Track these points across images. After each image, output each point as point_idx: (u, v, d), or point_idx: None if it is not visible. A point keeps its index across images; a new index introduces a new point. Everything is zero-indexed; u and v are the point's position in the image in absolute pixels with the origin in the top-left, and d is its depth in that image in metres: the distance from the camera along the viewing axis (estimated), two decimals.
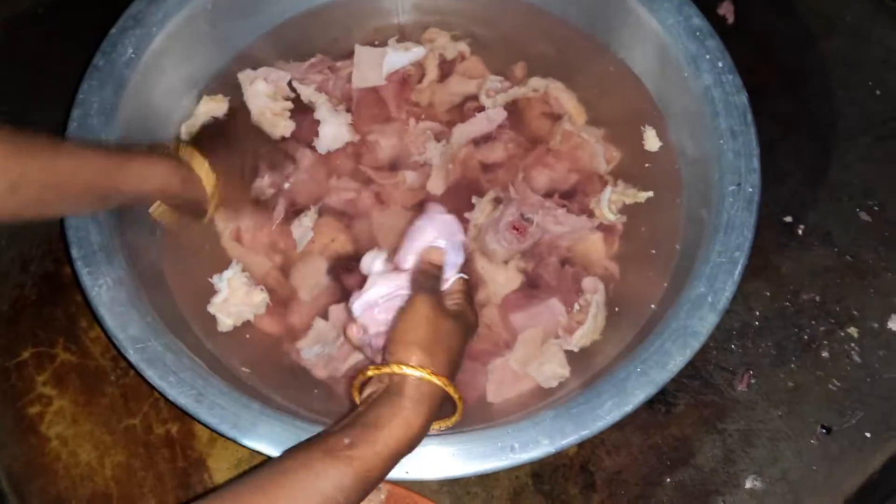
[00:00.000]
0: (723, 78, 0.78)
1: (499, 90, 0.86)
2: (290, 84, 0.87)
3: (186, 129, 0.85)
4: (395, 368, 0.57)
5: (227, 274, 0.76)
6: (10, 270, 0.85)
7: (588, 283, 0.77)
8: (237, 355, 0.75)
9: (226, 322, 0.76)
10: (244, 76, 0.86)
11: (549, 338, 0.76)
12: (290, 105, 0.86)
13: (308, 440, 0.57)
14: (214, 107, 0.85)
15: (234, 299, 0.76)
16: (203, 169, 0.67)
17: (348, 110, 0.86)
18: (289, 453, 0.55)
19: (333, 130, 0.84)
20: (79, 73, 0.79)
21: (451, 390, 0.59)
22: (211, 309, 0.76)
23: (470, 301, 0.66)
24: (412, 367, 0.57)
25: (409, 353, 0.58)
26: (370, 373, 0.59)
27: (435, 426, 0.62)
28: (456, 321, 0.62)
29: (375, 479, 0.55)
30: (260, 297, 0.77)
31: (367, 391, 0.59)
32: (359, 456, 0.54)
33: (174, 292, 0.76)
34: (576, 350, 0.76)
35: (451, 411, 0.61)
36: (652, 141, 0.83)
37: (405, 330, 0.60)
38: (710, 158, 0.76)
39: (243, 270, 0.77)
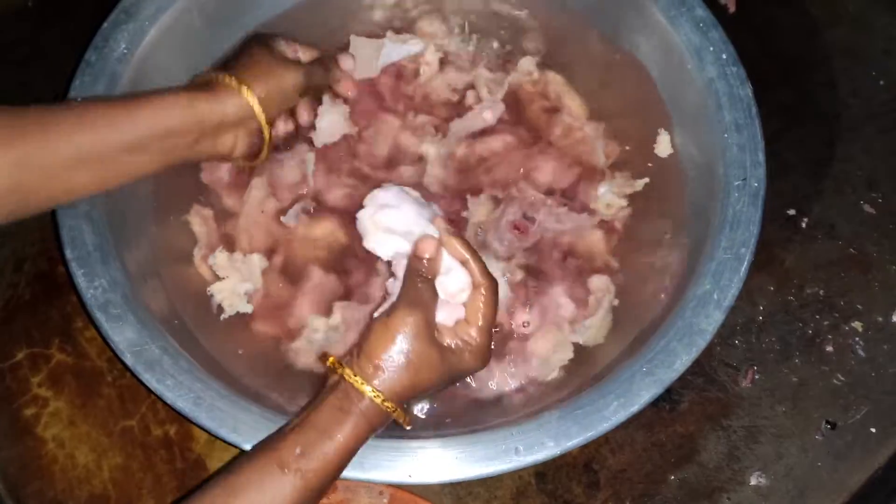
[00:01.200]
0: (727, 70, 0.77)
1: (493, 80, 0.85)
2: None
3: None
4: (357, 383, 0.57)
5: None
6: (3, 269, 0.83)
7: (598, 282, 0.77)
8: (235, 357, 0.74)
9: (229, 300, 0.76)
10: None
11: (554, 329, 0.75)
12: None
13: (261, 445, 0.57)
14: None
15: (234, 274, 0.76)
16: (251, 97, 0.67)
17: (346, 102, 0.84)
18: (241, 465, 0.55)
19: (331, 122, 0.82)
20: (70, 69, 0.77)
21: (401, 420, 0.59)
22: (212, 289, 0.76)
23: (484, 335, 0.61)
24: (371, 388, 0.57)
25: (374, 372, 0.57)
26: (334, 367, 0.58)
27: None
28: (443, 359, 0.59)
29: (325, 485, 0.57)
30: (259, 262, 0.76)
31: (333, 378, 0.59)
32: (310, 468, 0.55)
33: (170, 294, 0.75)
34: (581, 341, 0.75)
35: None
36: (664, 146, 0.81)
37: (376, 345, 0.58)
38: (715, 152, 0.75)
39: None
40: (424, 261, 0.61)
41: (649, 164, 0.81)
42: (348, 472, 0.63)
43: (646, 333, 0.70)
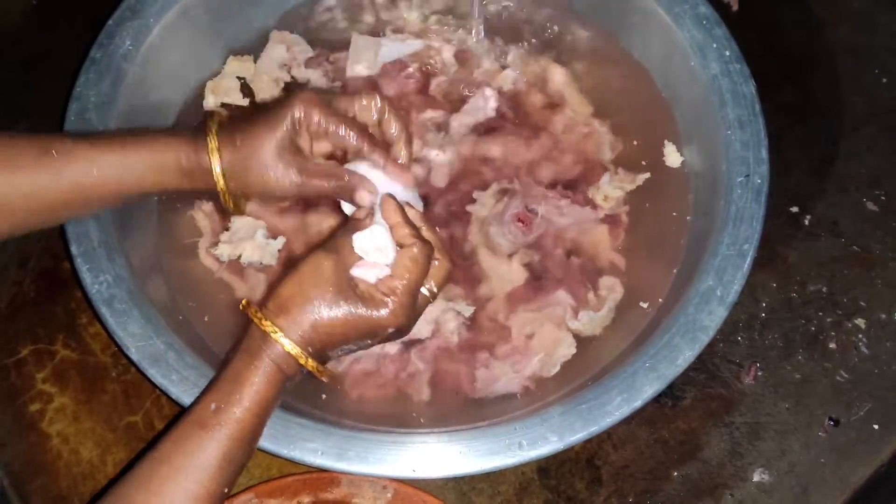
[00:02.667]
0: (730, 67, 0.77)
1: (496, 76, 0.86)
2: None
3: (212, 88, 0.84)
4: (260, 322, 0.57)
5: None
6: (8, 267, 0.84)
7: (606, 282, 0.77)
8: None
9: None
10: (277, 34, 0.86)
11: (556, 327, 0.75)
12: (287, 78, 0.86)
13: (182, 413, 0.58)
14: (240, 67, 0.85)
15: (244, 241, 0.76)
16: (214, 159, 0.63)
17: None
18: (165, 436, 0.56)
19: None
20: (76, 66, 0.77)
21: (307, 363, 0.58)
22: (223, 237, 0.77)
23: (407, 292, 0.59)
24: (274, 327, 0.57)
25: (279, 312, 0.57)
26: (245, 310, 0.59)
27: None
28: (356, 307, 0.57)
29: (251, 435, 0.57)
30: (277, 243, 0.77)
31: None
32: (228, 420, 0.56)
33: (174, 290, 0.76)
34: (581, 330, 0.75)
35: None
36: (673, 157, 0.81)
37: (285, 285, 0.58)
38: (718, 149, 0.75)
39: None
40: (360, 218, 0.62)
41: (652, 161, 0.81)
42: (353, 467, 0.64)
43: (649, 329, 0.71)
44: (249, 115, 0.66)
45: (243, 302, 0.60)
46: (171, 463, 0.55)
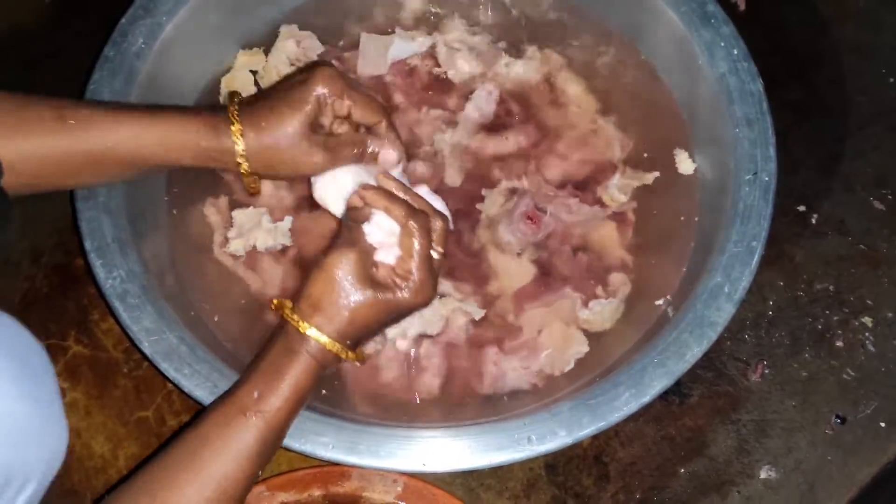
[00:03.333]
0: (738, 65, 0.77)
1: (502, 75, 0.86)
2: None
3: (226, 83, 0.85)
4: (296, 323, 0.59)
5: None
6: (21, 262, 0.84)
7: (615, 279, 0.77)
8: (250, 348, 0.74)
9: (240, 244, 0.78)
10: (286, 29, 0.86)
11: (566, 324, 0.75)
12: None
13: (222, 396, 0.60)
14: (250, 60, 0.86)
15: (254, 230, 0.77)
16: (238, 142, 0.63)
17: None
18: (206, 416, 0.58)
19: None
20: (89, 64, 0.78)
21: (347, 356, 0.60)
22: (230, 234, 0.77)
23: (421, 269, 0.60)
24: (310, 326, 0.59)
25: (312, 311, 0.59)
26: (278, 310, 0.61)
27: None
28: (382, 294, 0.60)
29: (286, 424, 0.60)
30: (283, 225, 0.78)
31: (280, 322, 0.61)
32: (268, 408, 0.58)
33: (186, 285, 0.76)
34: (591, 323, 0.75)
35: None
36: (686, 164, 0.81)
37: (312, 285, 0.60)
38: (726, 147, 0.75)
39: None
40: (358, 208, 0.63)
41: (661, 159, 0.82)
42: (363, 461, 0.64)
43: (657, 326, 0.71)
44: (270, 93, 0.66)
45: (275, 302, 0.61)
46: (214, 444, 0.57)
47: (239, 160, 0.64)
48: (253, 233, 0.77)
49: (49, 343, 0.81)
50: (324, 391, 0.72)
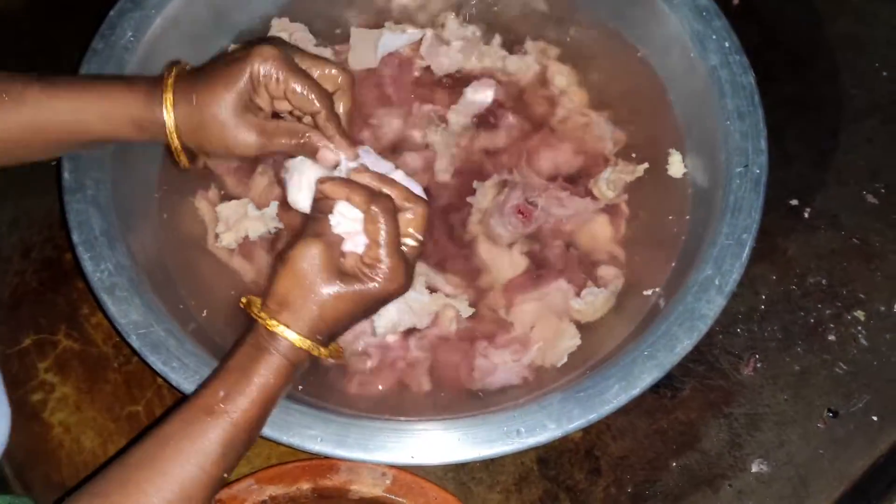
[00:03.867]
0: (730, 58, 0.77)
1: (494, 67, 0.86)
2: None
3: None
4: (264, 321, 0.57)
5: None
6: (11, 257, 0.84)
7: (606, 271, 0.77)
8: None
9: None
10: (278, 21, 0.86)
11: (558, 317, 0.75)
12: None
13: (188, 397, 0.59)
14: None
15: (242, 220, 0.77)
16: (167, 113, 0.61)
17: None
18: (170, 417, 0.57)
19: None
20: (77, 57, 0.78)
21: (320, 353, 0.58)
22: (218, 229, 0.77)
23: (391, 255, 0.58)
24: (278, 323, 0.57)
25: (279, 308, 0.58)
26: (247, 308, 0.59)
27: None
28: (351, 286, 0.57)
29: (255, 424, 0.58)
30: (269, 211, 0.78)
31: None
32: (234, 408, 0.56)
33: (175, 278, 0.76)
34: (583, 313, 0.75)
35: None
36: (676, 167, 0.81)
37: (277, 281, 0.58)
38: (717, 140, 0.75)
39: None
40: (320, 200, 0.61)
41: (652, 152, 0.82)
42: (352, 454, 0.64)
43: (648, 319, 0.71)
44: (209, 67, 0.64)
45: (243, 300, 0.60)
46: (176, 445, 0.55)
47: (168, 134, 0.62)
48: (242, 223, 0.77)
49: (39, 338, 0.80)
50: (311, 384, 0.72)
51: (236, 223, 0.77)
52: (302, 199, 0.63)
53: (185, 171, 0.68)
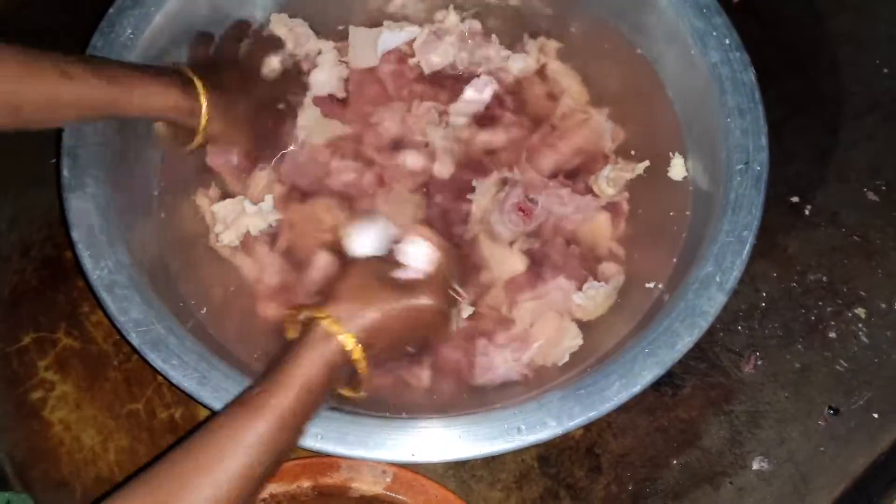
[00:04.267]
0: (730, 55, 0.77)
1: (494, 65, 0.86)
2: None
3: None
4: (331, 327, 0.58)
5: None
6: (10, 255, 0.84)
7: (607, 268, 0.77)
8: (239, 340, 0.74)
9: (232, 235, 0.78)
10: (277, 17, 0.86)
11: (558, 315, 0.75)
12: (289, 63, 0.85)
13: (233, 399, 0.59)
14: None
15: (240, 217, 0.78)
16: (204, 102, 0.71)
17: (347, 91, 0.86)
18: (216, 414, 0.57)
19: (325, 76, 0.84)
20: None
21: (360, 366, 0.59)
22: (217, 229, 0.77)
23: (439, 278, 0.64)
24: (344, 332, 0.58)
25: (336, 310, 0.59)
26: (303, 314, 0.60)
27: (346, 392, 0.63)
28: (398, 294, 0.61)
29: (295, 419, 0.57)
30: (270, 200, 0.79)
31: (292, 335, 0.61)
32: (272, 403, 0.56)
33: (175, 276, 0.76)
34: (584, 309, 0.75)
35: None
36: (678, 170, 0.80)
37: (340, 286, 0.61)
38: (718, 137, 0.75)
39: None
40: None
41: (652, 149, 0.81)
42: (352, 451, 0.64)
43: (649, 316, 0.71)
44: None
45: (296, 306, 0.61)
46: (219, 435, 0.55)
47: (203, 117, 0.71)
48: (241, 221, 0.77)
49: (39, 336, 0.80)
50: None
51: (234, 221, 0.77)
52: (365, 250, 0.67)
53: (186, 155, 0.75)
